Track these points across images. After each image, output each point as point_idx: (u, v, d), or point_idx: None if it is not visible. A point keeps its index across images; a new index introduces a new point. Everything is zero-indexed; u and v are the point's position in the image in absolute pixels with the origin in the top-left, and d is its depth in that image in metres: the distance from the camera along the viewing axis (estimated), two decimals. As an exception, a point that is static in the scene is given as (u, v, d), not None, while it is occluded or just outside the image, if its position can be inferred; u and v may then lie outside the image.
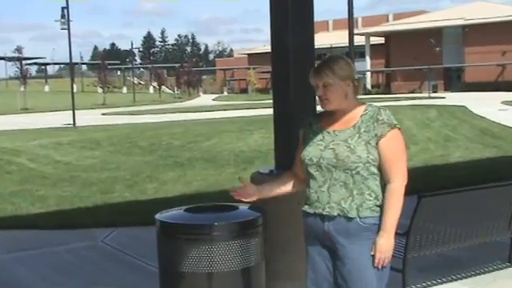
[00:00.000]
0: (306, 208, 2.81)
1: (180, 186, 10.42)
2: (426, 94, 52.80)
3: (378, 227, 2.67)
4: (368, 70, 67.74)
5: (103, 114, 37.02)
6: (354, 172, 2.66)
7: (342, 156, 2.67)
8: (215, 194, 9.33)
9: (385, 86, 66.99)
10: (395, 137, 2.69)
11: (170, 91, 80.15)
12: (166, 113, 36.46)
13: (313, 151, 2.77)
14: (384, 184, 2.70)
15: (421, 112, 26.56)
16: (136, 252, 6.10)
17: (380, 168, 2.68)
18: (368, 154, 2.66)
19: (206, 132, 21.10)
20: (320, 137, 2.79)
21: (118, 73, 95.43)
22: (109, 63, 64.67)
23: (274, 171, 4.13)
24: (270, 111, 4.34)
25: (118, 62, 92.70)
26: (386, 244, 2.64)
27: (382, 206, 2.68)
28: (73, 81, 30.55)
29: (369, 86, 66.43)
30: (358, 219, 2.66)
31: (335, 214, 2.69)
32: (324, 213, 2.72)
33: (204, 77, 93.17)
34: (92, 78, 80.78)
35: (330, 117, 2.82)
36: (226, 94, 78.02)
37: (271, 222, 3.42)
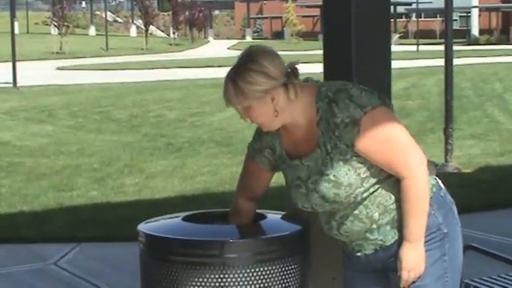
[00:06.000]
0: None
1: (176, 181, 10.52)
2: None
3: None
4: (474, 7, 66.95)
5: (59, 69, 37.32)
6: (357, 203, 2.96)
7: (330, 197, 2.94)
8: (230, 195, 9.35)
9: (501, 32, 66.21)
10: (371, 126, 2.84)
11: (163, 34, 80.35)
12: (157, 68, 36.67)
13: (298, 197, 3.06)
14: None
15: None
16: (107, 281, 6.15)
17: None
18: (357, 176, 2.90)
19: (217, 99, 21.10)
20: (293, 173, 3.04)
21: (83, 4, 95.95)
22: (69, -11, 65.02)
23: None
24: (320, 67, 4.33)
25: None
26: (413, 257, 2.94)
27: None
28: (13, 16, 30.82)
29: (475, 32, 65.74)
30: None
31: (371, 251, 3.07)
32: (354, 246, 3.13)
33: (216, 12, 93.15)
34: (43, 13, 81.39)
35: (288, 132, 3.04)
36: (249, 39, 78.02)
37: (317, 239, 3.42)
